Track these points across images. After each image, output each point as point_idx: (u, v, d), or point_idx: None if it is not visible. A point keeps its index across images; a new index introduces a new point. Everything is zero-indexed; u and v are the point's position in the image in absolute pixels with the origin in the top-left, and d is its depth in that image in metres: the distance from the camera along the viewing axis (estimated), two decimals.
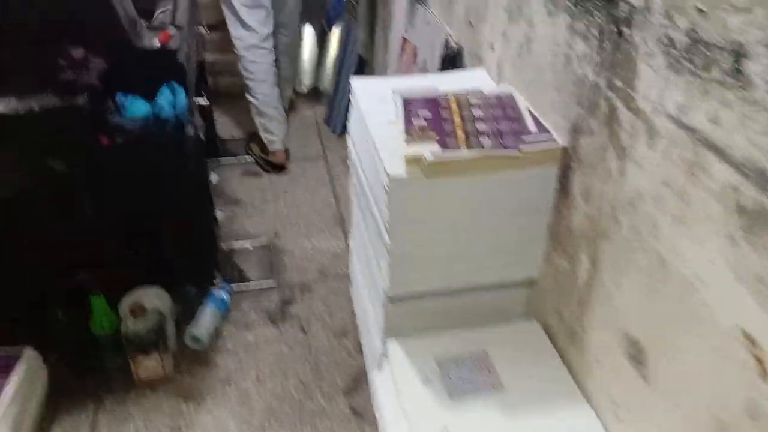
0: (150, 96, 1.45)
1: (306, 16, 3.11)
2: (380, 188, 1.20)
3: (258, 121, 2.52)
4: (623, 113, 0.94)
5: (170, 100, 1.42)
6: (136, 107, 1.42)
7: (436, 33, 1.79)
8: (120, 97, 1.42)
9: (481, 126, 1.21)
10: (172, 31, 1.53)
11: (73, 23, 1.31)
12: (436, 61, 1.76)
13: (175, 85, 1.43)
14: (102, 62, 1.37)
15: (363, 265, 1.59)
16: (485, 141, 1.16)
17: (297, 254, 2.14)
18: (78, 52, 1.32)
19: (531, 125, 1.21)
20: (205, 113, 2.53)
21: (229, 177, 2.56)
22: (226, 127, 2.90)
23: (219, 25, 2.64)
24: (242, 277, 2.03)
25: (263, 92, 2.44)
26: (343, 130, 2.89)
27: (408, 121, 1.24)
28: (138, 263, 1.64)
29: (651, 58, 0.86)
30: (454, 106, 1.29)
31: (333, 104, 2.92)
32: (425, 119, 1.24)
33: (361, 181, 1.44)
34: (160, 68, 1.43)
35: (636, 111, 0.91)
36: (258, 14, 2.33)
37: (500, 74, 1.43)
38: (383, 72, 2.41)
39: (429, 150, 1.13)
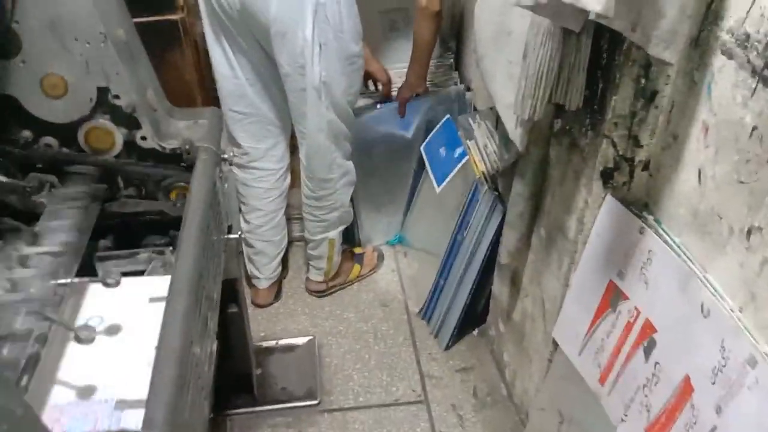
0: None
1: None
2: None
3: (244, 249, 1.96)
4: None
5: None
6: None
7: (742, 359, 0.74)
8: None
9: None
10: None
11: None
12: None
13: None
14: None
15: None
16: None
17: None
18: None
19: None
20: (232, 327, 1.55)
21: None
22: (270, 323, 1.92)
23: None
24: None
25: (253, 221, 1.89)
26: (451, 343, 1.85)
27: None
28: None
29: None
30: None
31: (436, 298, 1.88)
32: None
33: None
34: None
35: None
36: (249, 127, 1.74)
37: None
38: (546, 323, 1.32)
39: None
